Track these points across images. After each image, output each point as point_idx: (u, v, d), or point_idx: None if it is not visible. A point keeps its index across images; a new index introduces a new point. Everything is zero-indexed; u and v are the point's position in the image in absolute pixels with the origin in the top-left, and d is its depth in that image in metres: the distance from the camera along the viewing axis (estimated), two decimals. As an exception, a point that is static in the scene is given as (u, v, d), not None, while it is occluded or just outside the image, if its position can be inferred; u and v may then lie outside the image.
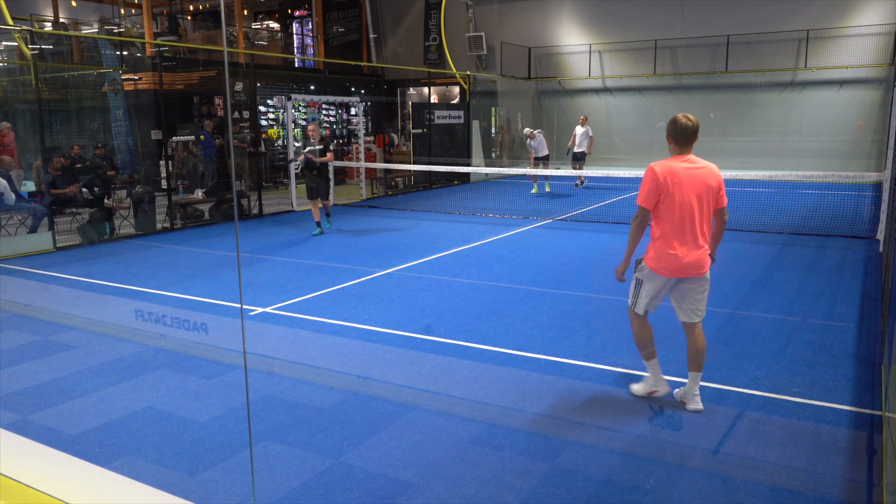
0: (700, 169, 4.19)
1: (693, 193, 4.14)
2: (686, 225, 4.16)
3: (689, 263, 4.18)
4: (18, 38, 11.27)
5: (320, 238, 10.62)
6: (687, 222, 4.16)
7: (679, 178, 4.14)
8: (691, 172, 4.16)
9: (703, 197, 4.16)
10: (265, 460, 3.78)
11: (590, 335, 5.82)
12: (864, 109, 18.19)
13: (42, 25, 21.74)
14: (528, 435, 4.05)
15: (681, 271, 4.21)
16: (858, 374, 4.89)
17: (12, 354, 5.51)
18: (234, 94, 15.53)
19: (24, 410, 4.47)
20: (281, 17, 24.68)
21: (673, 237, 4.19)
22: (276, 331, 6.04)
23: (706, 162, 4.25)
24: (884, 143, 16.18)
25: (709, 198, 4.18)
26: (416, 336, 5.85)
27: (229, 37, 20.60)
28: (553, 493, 3.43)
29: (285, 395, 4.64)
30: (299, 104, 18.96)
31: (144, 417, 4.34)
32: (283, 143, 18.50)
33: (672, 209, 4.15)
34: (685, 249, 4.17)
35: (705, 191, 4.16)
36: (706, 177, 4.18)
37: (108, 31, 21.85)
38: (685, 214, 4.15)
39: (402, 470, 3.66)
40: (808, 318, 6.25)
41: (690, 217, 4.15)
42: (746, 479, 3.53)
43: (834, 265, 8.40)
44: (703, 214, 4.18)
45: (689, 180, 4.14)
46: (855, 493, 3.42)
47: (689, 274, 4.22)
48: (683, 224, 4.16)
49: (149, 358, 5.40)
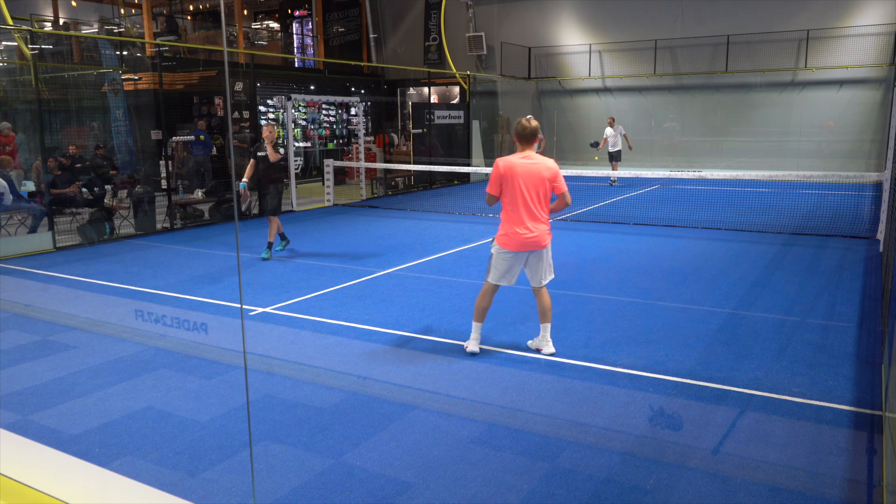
0: (536, 164, 5.09)
1: (528, 183, 5.07)
2: (523, 208, 5.10)
3: (529, 239, 5.13)
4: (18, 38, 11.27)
5: (320, 238, 10.60)
6: (523, 206, 5.09)
7: (516, 170, 5.08)
8: (528, 165, 5.08)
9: (539, 185, 5.09)
10: (265, 460, 3.78)
11: (590, 335, 5.82)
12: (864, 109, 18.19)
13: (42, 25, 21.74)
14: (528, 435, 4.05)
15: (523, 246, 5.15)
16: (858, 374, 4.89)
17: (12, 354, 5.51)
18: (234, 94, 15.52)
19: (24, 410, 4.47)
20: (281, 17, 24.68)
21: (515, 218, 5.13)
22: (276, 331, 6.04)
23: (543, 158, 5.17)
24: (884, 143, 16.20)
25: (543, 185, 5.11)
26: (416, 336, 5.85)
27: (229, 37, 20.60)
28: (553, 493, 3.43)
29: (285, 395, 4.64)
30: (299, 104, 18.96)
31: (144, 417, 4.34)
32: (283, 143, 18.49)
33: (513, 195, 5.10)
34: (525, 228, 5.12)
35: (539, 180, 5.09)
36: (540, 169, 5.09)
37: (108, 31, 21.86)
38: (521, 200, 5.09)
39: (402, 470, 3.66)
40: (808, 318, 6.25)
41: (525, 202, 5.09)
42: (746, 479, 3.53)
43: (834, 265, 8.40)
44: (538, 199, 5.11)
45: (524, 172, 5.07)
46: (855, 493, 3.42)
47: (530, 248, 5.17)
48: (521, 207, 5.10)
49: (149, 358, 5.40)
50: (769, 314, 6.40)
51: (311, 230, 11.38)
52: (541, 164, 5.11)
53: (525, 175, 5.06)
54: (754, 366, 5.07)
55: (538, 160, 5.13)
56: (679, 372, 4.97)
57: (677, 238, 10.29)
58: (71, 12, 23.73)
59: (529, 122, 5.11)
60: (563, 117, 22.32)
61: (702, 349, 5.44)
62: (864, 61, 17.93)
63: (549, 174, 5.12)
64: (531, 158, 5.11)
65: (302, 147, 19.26)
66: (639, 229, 11.04)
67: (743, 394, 4.59)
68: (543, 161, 5.14)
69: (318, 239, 10.52)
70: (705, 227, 11.04)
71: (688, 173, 14.40)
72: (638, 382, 4.80)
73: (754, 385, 4.71)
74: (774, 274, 7.98)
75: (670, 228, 11.06)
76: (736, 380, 4.81)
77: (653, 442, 3.96)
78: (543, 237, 5.18)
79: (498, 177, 5.14)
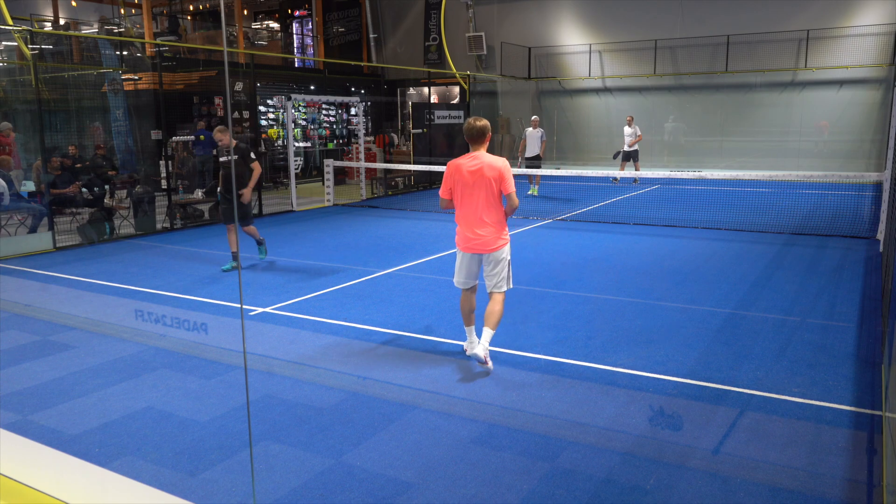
0: (480, 165, 4.94)
1: (474, 184, 4.94)
2: (469, 209, 4.99)
3: (476, 243, 5.02)
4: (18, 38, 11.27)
5: (320, 238, 10.60)
6: (470, 207, 4.99)
7: (462, 171, 4.98)
8: (471, 166, 4.95)
9: (484, 186, 4.93)
10: (265, 460, 3.78)
11: (590, 335, 5.82)
12: (863, 109, 18.19)
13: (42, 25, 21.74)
14: (528, 435, 4.05)
15: (473, 248, 5.05)
16: (858, 374, 4.89)
17: (12, 354, 5.51)
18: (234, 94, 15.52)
19: (24, 410, 4.47)
20: (281, 17, 24.68)
21: (463, 219, 5.05)
22: (276, 331, 6.04)
23: (491, 158, 4.98)
24: (884, 143, 16.19)
25: (489, 186, 4.93)
26: (416, 336, 5.85)
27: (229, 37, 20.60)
28: (553, 493, 3.43)
29: (285, 395, 4.64)
30: (299, 104, 18.96)
31: (144, 417, 4.34)
32: (283, 143, 18.50)
33: (461, 196, 5.02)
34: (472, 229, 5.01)
35: (484, 181, 4.93)
36: (484, 169, 4.93)
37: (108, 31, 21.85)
38: (469, 200, 4.99)
39: (402, 470, 3.66)
40: (808, 318, 6.24)
41: (473, 202, 4.97)
42: (746, 479, 3.53)
43: (834, 265, 8.39)
44: (486, 200, 4.95)
45: (469, 173, 4.95)
46: (855, 493, 3.42)
47: (479, 250, 5.05)
48: (467, 208, 5.00)
49: (149, 358, 5.40)
50: (769, 314, 6.40)
51: (311, 230, 11.38)
52: (486, 164, 4.93)
53: (469, 176, 4.94)
54: (754, 366, 5.07)
55: (485, 160, 4.95)
56: (679, 372, 4.97)
57: (677, 238, 10.29)
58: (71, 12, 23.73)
59: (476, 122, 4.99)
60: (563, 117, 22.32)
61: (702, 349, 5.44)
62: (864, 61, 17.93)
63: (494, 174, 4.92)
64: (478, 159, 4.97)
65: (302, 147, 19.26)
66: (639, 229, 11.04)
67: (743, 394, 4.59)
68: (491, 161, 4.95)
69: (318, 239, 10.52)
70: (705, 227, 11.04)
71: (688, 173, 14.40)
72: (638, 382, 4.80)
73: (754, 385, 4.71)
74: (774, 274, 7.98)
75: (670, 228, 11.06)
76: (736, 380, 4.81)
77: (653, 442, 3.96)
78: (491, 240, 5.00)
79: (448, 178, 5.06)
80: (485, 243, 5.01)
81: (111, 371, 5.12)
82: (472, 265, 5.14)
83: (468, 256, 5.11)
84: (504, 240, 5.08)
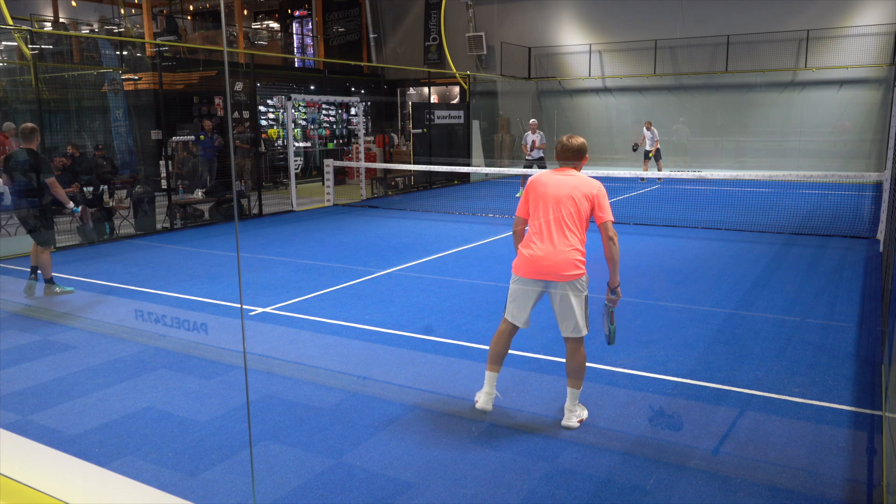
0: (570, 180, 4.20)
1: (558, 200, 4.14)
2: (544, 226, 4.14)
3: (546, 265, 4.12)
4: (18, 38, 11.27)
5: (320, 238, 10.60)
6: (545, 223, 4.14)
7: (546, 183, 4.20)
8: (559, 180, 4.20)
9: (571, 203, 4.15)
10: (265, 460, 3.78)
11: (589, 335, 5.81)
12: (864, 109, 18.19)
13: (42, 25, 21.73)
14: (528, 435, 4.05)
15: (538, 273, 4.16)
16: (858, 374, 4.89)
17: (12, 354, 5.51)
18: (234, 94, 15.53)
19: (24, 410, 4.47)
20: (281, 17, 24.69)
21: (533, 238, 4.17)
22: (276, 331, 6.03)
23: (587, 177, 4.26)
24: (884, 143, 16.18)
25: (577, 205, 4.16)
26: (416, 336, 5.85)
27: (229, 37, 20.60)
28: (553, 493, 3.43)
29: (285, 395, 4.64)
30: (299, 104, 18.95)
31: (144, 417, 4.34)
32: (283, 143, 18.50)
33: (537, 210, 4.19)
34: (541, 248, 4.12)
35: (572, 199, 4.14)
36: (576, 185, 4.18)
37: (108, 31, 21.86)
38: (545, 216, 4.17)
39: (402, 470, 3.66)
40: (808, 318, 6.24)
41: (550, 219, 4.15)
42: (746, 479, 3.53)
43: (834, 265, 8.39)
44: (569, 220, 4.16)
45: (556, 185, 4.17)
46: (855, 493, 3.42)
47: (546, 276, 4.15)
48: (542, 224, 4.15)
49: (149, 358, 5.40)
50: (769, 314, 6.40)
51: (311, 230, 11.38)
52: (580, 180, 4.26)
53: (555, 188, 4.20)
54: (754, 366, 5.07)
55: (579, 177, 4.29)
56: (679, 372, 4.97)
57: (677, 238, 10.29)
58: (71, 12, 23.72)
59: (570, 140, 4.31)
60: (563, 117, 22.31)
61: (702, 349, 5.44)
62: (864, 61, 17.93)
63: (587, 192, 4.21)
64: (569, 174, 4.29)
65: (302, 147, 19.26)
66: (639, 229, 11.04)
67: (743, 394, 4.59)
68: (586, 179, 4.28)
69: (318, 239, 10.52)
70: (705, 227, 11.04)
71: (688, 173, 14.40)
72: (638, 382, 4.81)
73: (754, 385, 4.71)
74: (774, 274, 7.98)
75: (670, 228, 11.06)
76: (736, 380, 4.81)
77: (653, 442, 3.96)
78: (564, 265, 4.18)
79: (526, 193, 4.30)
80: (556, 266, 4.13)
81: (111, 371, 5.12)
82: (532, 296, 4.25)
83: (530, 283, 4.23)
84: (580, 269, 4.22)
